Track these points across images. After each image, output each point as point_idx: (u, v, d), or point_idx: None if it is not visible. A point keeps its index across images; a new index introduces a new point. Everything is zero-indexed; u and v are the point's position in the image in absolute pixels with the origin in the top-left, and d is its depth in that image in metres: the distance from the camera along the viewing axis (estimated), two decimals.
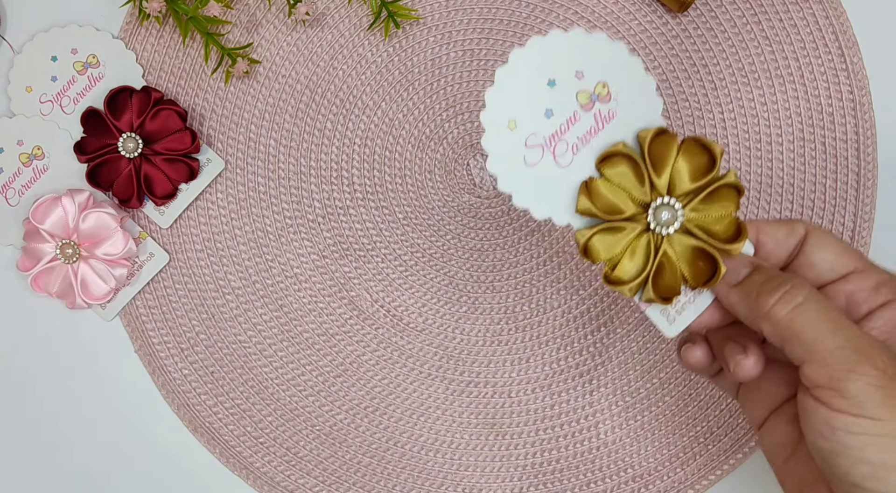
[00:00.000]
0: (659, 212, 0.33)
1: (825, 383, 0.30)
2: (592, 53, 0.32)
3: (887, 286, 0.33)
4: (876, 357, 0.30)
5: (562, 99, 0.32)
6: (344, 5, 0.51)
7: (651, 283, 0.33)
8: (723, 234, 0.33)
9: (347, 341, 0.51)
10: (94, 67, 0.51)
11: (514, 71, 0.32)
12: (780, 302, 0.31)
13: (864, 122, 0.49)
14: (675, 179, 0.33)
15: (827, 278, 0.34)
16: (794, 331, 0.31)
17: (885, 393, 0.29)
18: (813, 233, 0.34)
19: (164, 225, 0.51)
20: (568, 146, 0.33)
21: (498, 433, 0.50)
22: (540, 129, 0.32)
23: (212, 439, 0.51)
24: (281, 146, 0.52)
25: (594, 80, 0.33)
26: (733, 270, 0.33)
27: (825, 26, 0.50)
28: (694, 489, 0.49)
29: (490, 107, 0.32)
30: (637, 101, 0.33)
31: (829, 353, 0.30)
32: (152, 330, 0.52)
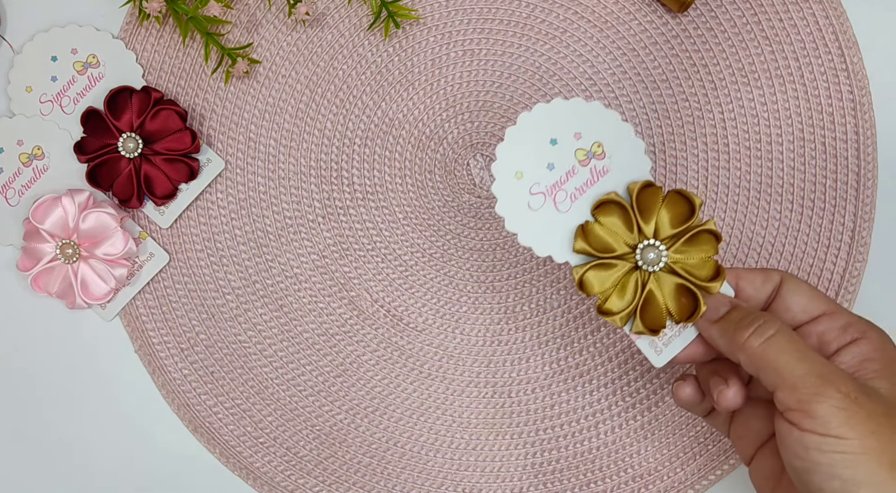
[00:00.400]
0: (646, 252, 0.37)
1: (795, 406, 0.33)
2: (590, 118, 0.38)
3: (854, 327, 0.37)
4: (839, 383, 0.33)
5: (562, 155, 0.38)
6: (344, 5, 0.51)
7: (639, 315, 0.38)
8: (704, 275, 0.38)
9: (347, 341, 0.51)
10: (94, 67, 0.51)
11: (521, 130, 0.37)
12: (753, 335, 0.35)
13: (864, 122, 0.49)
14: (660, 224, 0.38)
15: (800, 319, 0.38)
16: (767, 360, 0.35)
17: (847, 414, 0.33)
18: (787, 280, 0.38)
19: (164, 225, 0.51)
20: (567, 195, 0.38)
21: (498, 434, 0.50)
22: (543, 179, 0.38)
23: (212, 439, 0.51)
24: (281, 146, 0.52)
25: (591, 140, 0.38)
26: (713, 308, 0.38)
27: (825, 26, 0.50)
28: (694, 489, 0.49)
29: (500, 159, 0.37)
30: (628, 159, 0.38)
31: (798, 379, 0.34)
32: (152, 330, 0.52)
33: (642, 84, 0.50)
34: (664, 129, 0.50)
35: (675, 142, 0.50)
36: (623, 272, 0.38)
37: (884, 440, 0.33)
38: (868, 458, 0.32)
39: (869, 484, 0.32)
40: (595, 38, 0.50)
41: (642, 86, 0.50)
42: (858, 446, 0.32)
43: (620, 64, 0.50)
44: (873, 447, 0.32)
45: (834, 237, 0.49)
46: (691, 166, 0.50)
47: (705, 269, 0.38)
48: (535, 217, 0.38)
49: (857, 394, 0.33)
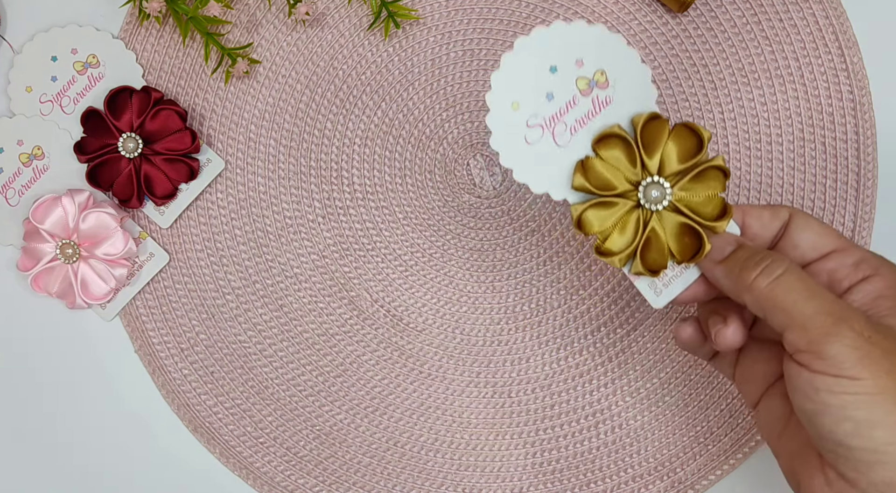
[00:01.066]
0: (649, 190, 0.35)
1: (805, 347, 0.32)
2: (592, 43, 0.35)
3: (867, 263, 0.35)
4: (852, 321, 0.32)
5: (562, 84, 0.35)
6: (344, 5, 0.51)
7: (639, 256, 0.36)
8: (709, 213, 0.36)
9: (347, 341, 0.51)
10: (94, 67, 0.51)
11: (518, 57, 0.35)
12: (761, 275, 0.34)
13: (864, 122, 0.49)
14: (665, 160, 0.35)
15: (810, 257, 0.36)
16: (775, 300, 0.33)
17: (860, 353, 0.31)
18: (796, 215, 0.36)
19: (164, 225, 0.51)
20: (567, 127, 0.35)
21: (498, 434, 0.50)
22: (541, 110, 0.35)
23: (212, 439, 0.51)
24: (281, 146, 0.52)
25: (593, 68, 0.35)
26: (718, 247, 0.36)
27: (825, 26, 0.50)
28: (694, 489, 0.49)
29: (495, 89, 0.35)
30: (633, 89, 0.35)
31: (807, 318, 0.32)
32: (152, 330, 0.52)
33: None
34: None
35: None
36: (624, 211, 0.36)
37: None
38: (884, 398, 0.31)
39: (884, 425, 0.31)
40: None
41: None
42: (873, 386, 0.31)
43: None
44: (889, 386, 0.31)
45: None
46: None
47: (711, 207, 0.36)
48: (531, 151, 0.35)
49: (870, 332, 0.32)
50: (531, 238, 0.51)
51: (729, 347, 0.37)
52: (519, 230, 0.51)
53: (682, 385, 0.50)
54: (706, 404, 0.49)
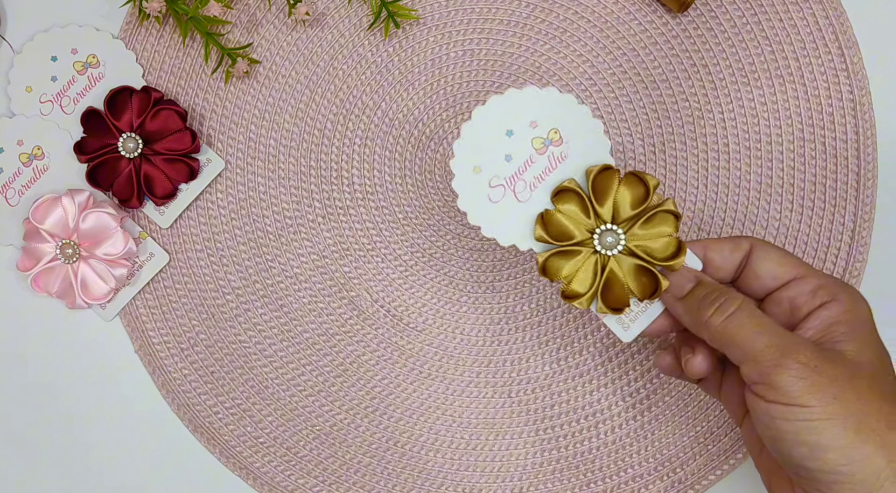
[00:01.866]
0: (604, 236, 0.38)
1: (758, 379, 0.34)
2: (545, 105, 0.38)
3: (825, 289, 0.37)
4: (799, 353, 0.34)
5: (519, 145, 0.38)
6: (344, 5, 0.51)
7: (600, 297, 0.38)
8: (663, 253, 0.38)
9: (347, 341, 0.51)
10: (94, 67, 0.51)
11: (477, 125, 0.38)
12: (716, 313, 0.36)
13: (864, 122, 0.49)
14: (618, 207, 0.38)
15: (771, 286, 0.38)
16: (729, 337, 0.36)
17: (807, 383, 0.33)
18: (756, 246, 0.38)
19: (164, 225, 0.51)
20: (526, 185, 0.38)
21: (498, 434, 0.50)
22: (501, 171, 0.38)
23: (212, 439, 0.51)
24: (281, 146, 0.52)
25: (547, 127, 0.38)
26: (678, 284, 0.38)
27: (825, 26, 0.50)
28: (694, 489, 0.49)
29: (458, 155, 0.38)
30: (586, 142, 0.38)
31: (758, 352, 0.34)
32: (152, 330, 0.52)
33: (642, 84, 0.50)
34: (664, 129, 0.50)
35: (675, 142, 0.50)
36: (584, 257, 0.38)
37: (847, 404, 0.33)
38: (832, 423, 0.33)
39: (834, 448, 0.33)
40: (595, 38, 0.50)
41: (642, 86, 0.50)
42: (821, 412, 0.33)
43: (620, 64, 0.50)
44: (836, 411, 0.33)
45: (834, 237, 0.49)
46: (691, 166, 0.50)
47: (665, 247, 0.38)
48: (496, 209, 0.38)
49: (817, 362, 0.34)
50: None
51: (697, 375, 0.39)
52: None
53: (681, 385, 0.50)
54: (706, 405, 0.49)
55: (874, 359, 0.35)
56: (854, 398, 0.33)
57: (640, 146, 0.50)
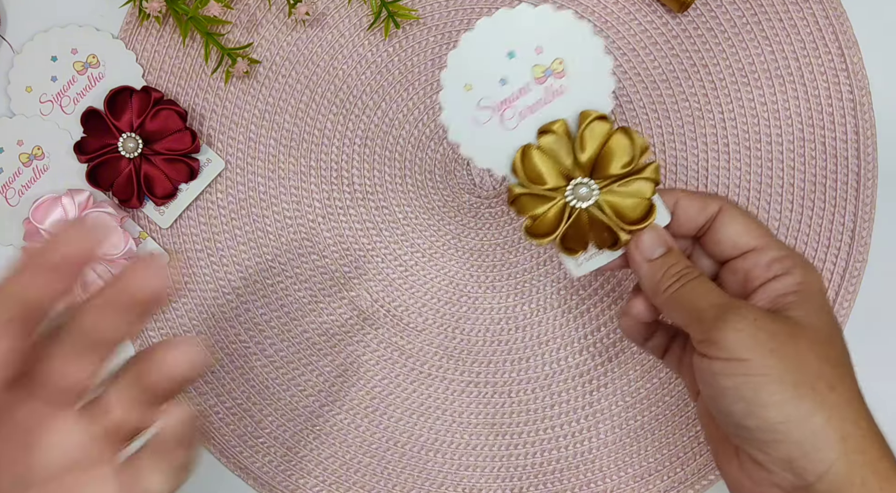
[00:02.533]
0: (577, 188, 0.37)
1: (702, 337, 0.34)
2: (556, 30, 0.35)
3: (780, 262, 0.36)
4: (739, 308, 0.34)
5: (518, 70, 0.36)
6: (344, 5, 0.51)
7: (560, 241, 0.38)
8: (633, 215, 0.37)
9: (347, 341, 0.51)
10: (94, 67, 0.51)
11: (478, 38, 0.35)
12: (671, 285, 0.36)
13: (864, 122, 0.49)
14: (601, 160, 0.37)
15: (729, 254, 0.38)
16: (678, 301, 0.36)
17: (746, 335, 0.33)
18: (725, 210, 0.37)
19: (164, 225, 0.51)
20: (516, 113, 0.36)
21: (498, 434, 0.50)
22: (493, 94, 0.36)
23: (212, 439, 0.51)
24: (281, 146, 0.52)
25: (552, 56, 0.36)
26: (649, 246, 0.37)
27: (825, 26, 0.50)
28: (694, 489, 0.49)
29: (451, 67, 0.36)
30: (590, 80, 0.36)
31: (702, 311, 0.34)
32: (152, 330, 0.52)
33: (642, 84, 0.50)
34: (664, 129, 0.50)
35: (675, 142, 0.50)
36: (553, 203, 0.37)
37: (786, 360, 0.33)
38: (769, 378, 0.32)
39: (771, 404, 0.32)
40: None
41: (642, 86, 0.50)
42: (759, 366, 0.32)
43: (620, 64, 0.50)
44: (774, 366, 0.32)
45: (834, 237, 0.49)
46: (691, 166, 0.50)
47: (637, 210, 0.37)
48: (479, 131, 0.37)
49: (757, 316, 0.33)
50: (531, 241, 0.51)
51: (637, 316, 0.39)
52: (519, 230, 0.51)
53: (681, 385, 0.50)
54: None
55: (821, 325, 0.35)
56: (794, 355, 0.33)
57: None
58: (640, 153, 0.37)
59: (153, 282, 0.29)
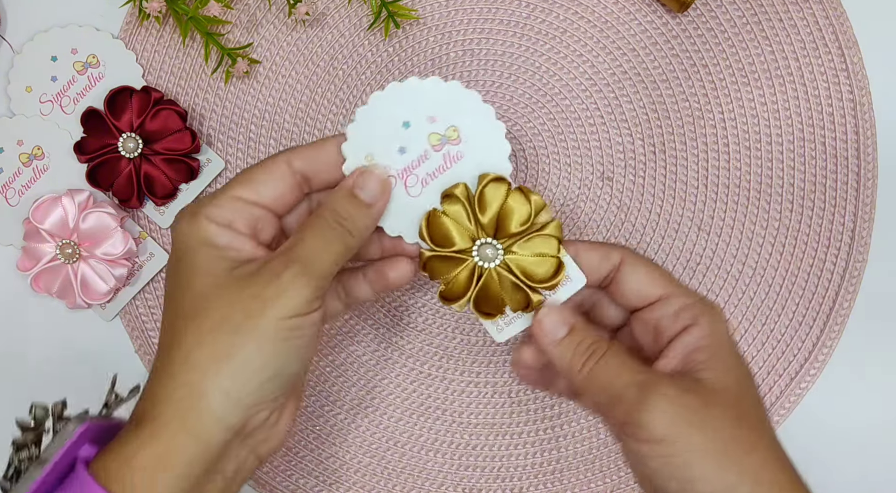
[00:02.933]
0: (483, 249, 0.38)
1: (625, 419, 0.34)
2: (447, 100, 0.37)
3: (687, 311, 0.36)
4: (661, 386, 0.34)
5: (415, 139, 0.37)
6: (344, 5, 0.51)
7: (473, 304, 0.38)
8: (541, 273, 0.38)
9: (347, 341, 0.51)
10: (94, 67, 0.51)
11: (373, 111, 0.37)
12: (586, 363, 0.36)
13: (864, 122, 0.49)
14: (503, 220, 0.37)
15: (636, 304, 0.38)
16: (594, 384, 0.35)
17: (668, 417, 0.33)
18: (627, 260, 0.38)
19: (164, 225, 0.51)
20: (418, 180, 0.38)
21: (498, 434, 0.50)
22: (394, 163, 0.38)
23: None
24: (281, 146, 0.52)
25: (446, 124, 0.37)
26: (553, 328, 0.37)
27: (825, 26, 0.50)
28: None
29: (351, 140, 0.37)
30: (486, 143, 0.37)
31: (621, 393, 0.34)
32: (152, 330, 0.52)
33: (642, 84, 0.50)
34: (664, 129, 0.50)
35: (675, 142, 0.50)
36: (462, 265, 0.38)
37: (705, 433, 0.33)
38: (694, 455, 0.33)
39: (700, 479, 0.33)
40: (595, 38, 0.50)
41: (642, 86, 0.50)
42: (683, 445, 0.33)
43: (620, 64, 0.50)
44: (696, 441, 0.33)
45: (834, 237, 0.49)
46: (691, 166, 0.50)
47: (544, 267, 0.38)
48: None
49: (676, 393, 0.34)
50: None
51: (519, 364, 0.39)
52: None
53: None
54: None
55: (732, 384, 0.35)
56: (711, 425, 0.33)
57: (640, 146, 0.50)
58: (537, 211, 0.37)
59: None
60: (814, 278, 0.49)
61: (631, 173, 0.50)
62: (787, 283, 0.49)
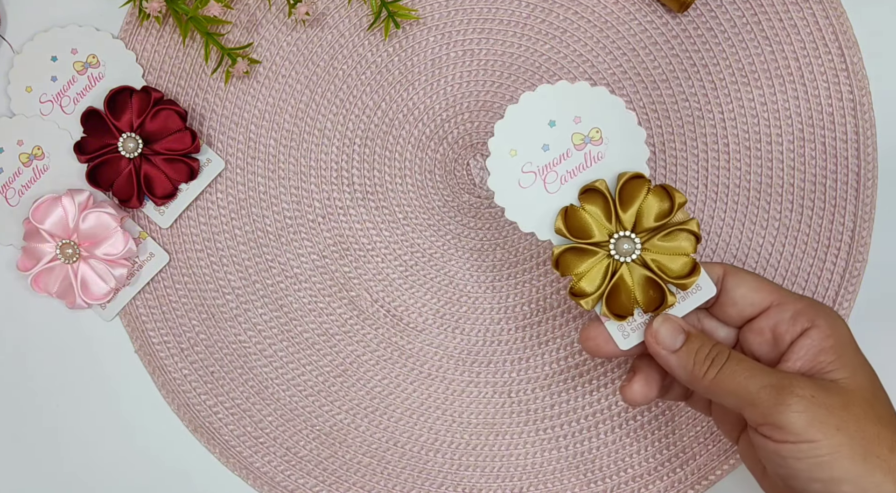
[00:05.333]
0: (620, 243, 0.38)
1: (762, 420, 0.34)
2: (593, 103, 0.38)
3: (804, 315, 0.37)
4: (796, 388, 0.34)
5: (559, 137, 0.38)
6: (344, 5, 0.51)
7: (605, 301, 0.38)
8: (676, 271, 0.38)
9: (347, 341, 0.51)
10: (94, 67, 0.51)
11: (522, 110, 0.38)
12: (709, 369, 0.36)
13: (864, 122, 0.49)
14: (641, 217, 0.38)
15: (749, 313, 0.38)
16: (722, 388, 0.36)
17: (809, 416, 0.33)
18: (730, 273, 0.38)
19: (164, 225, 0.51)
20: (557, 177, 0.39)
21: (498, 434, 0.50)
22: (536, 159, 0.39)
23: (212, 439, 0.51)
24: (281, 146, 0.52)
25: (590, 125, 0.38)
26: (670, 337, 0.38)
27: (825, 26, 0.50)
28: (694, 490, 0.49)
29: (498, 135, 0.38)
30: (626, 148, 0.39)
31: (755, 395, 0.35)
32: (152, 330, 0.52)
33: (642, 84, 0.50)
34: (664, 129, 0.50)
35: (675, 142, 0.50)
36: (597, 258, 0.38)
37: (850, 433, 0.33)
38: (839, 455, 0.33)
39: (847, 480, 0.33)
40: (595, 38, 0.50)
41: (642, 86, 0.50)
42: (827, 446, 0.33)
43: (620, 64, 0.50)
44: (842, 442, 0.33)
45: (834, 237, 0.49)
46: (691, 166, 0.50)
47: (680, 265, 0.38)
48: (524, 194, 0.39)
49: (813, 393, 0.34)
50: (531, 238, 0.51)
51: (632, 403, 0.40)
52: (519, 230, 0.51)
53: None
54: None
55: (865, 383, 0.35)
56: (854, 427, 0.34)
57: None
58: (679, 206, 0.38)
59: None
60: (814, 278, 0.49)
61: None
62: (787, 283, 0.49)
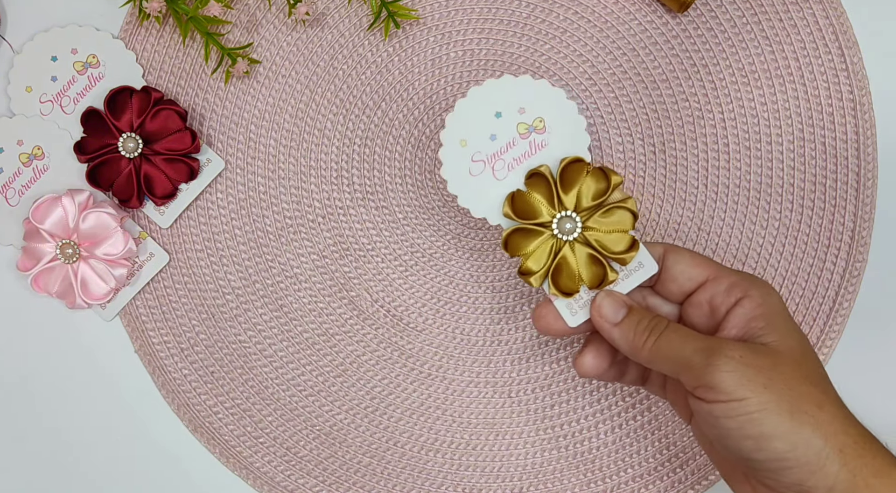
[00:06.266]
0: (562, 222, 0.41)
1: (696, 383, 0.36)
2: (535, 95, 0.41)
3: (738, 286, 0.38)
4: (725, 349, 0.36)
5: (505, 127, 0.41)
6: (344, 5, 0.51)
7: (551, 278, 0.41)
8: (617, 248, 0.40)
9: (347, 341, 0.51)
10: (94, 67, 0.51)
11: (470, 103, 0.41)
12: (647, 338, 0.38)
13: (864, 122, 0.49)
14: (581, 197, 0.41)
15: (689, 288, 0.40)
16: (660, 354, 0.38)
17: (737, 375, 0.35)
18: (669, 250, 0.41)
19: (164, 225, 0.51)
20: (505, 164, 0.41)
21: (498, 434, 0.50)
22: (484, 148, 0.41)
23: (212, 439, 0.51)
24: (281, 146, 0.52)
25: (533, 115, 0.41)
26: (612, 311, 0.40)
27: (825, 26, 0.50)
28: (694, 489, 0.49)
29: (448, 127, 0.41)
30: (568, 135, 0.41)
31: (688, 359, 0.36)
32: (152, 330, 0.52)
33: (642, 84, 0.50)
34: (664, 129, 0.50)
35: (675, 142, 0.50)
36: (541, 239, 0.41)
37: (778, 390, 0.35)
38: (767, 411, 0.34)
39: (776, 436, 0.34)
40: (595, 38, 0.50)
41: (642, 86, 0.50)
42: (755, 403, 0.34)
43: (620, 64, 0.50)
44: (769, 399, 0.34)
45: (834, 237, 0.49)
46: (691, 166, 0.50)
47: (620, 243, 0.40)
48: (474, 182, 0.41)
49: (742, 353, 0.35)
50: None
51: (585, 374, 0.42)
52: None
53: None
54: None
55: (795, 345, 0.37)
56: (782, 385, 0.35)
57: (640, 146, 0.50)
58: (615, 186, 0.40)
59: None
60: (814, 278, 0.49)
61: (631, 173, 0.50)
62: (787, 283, 0.49)
